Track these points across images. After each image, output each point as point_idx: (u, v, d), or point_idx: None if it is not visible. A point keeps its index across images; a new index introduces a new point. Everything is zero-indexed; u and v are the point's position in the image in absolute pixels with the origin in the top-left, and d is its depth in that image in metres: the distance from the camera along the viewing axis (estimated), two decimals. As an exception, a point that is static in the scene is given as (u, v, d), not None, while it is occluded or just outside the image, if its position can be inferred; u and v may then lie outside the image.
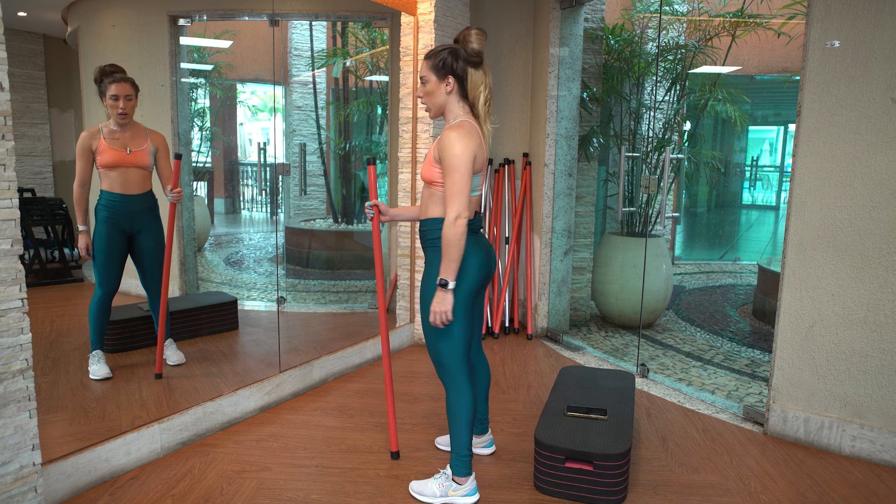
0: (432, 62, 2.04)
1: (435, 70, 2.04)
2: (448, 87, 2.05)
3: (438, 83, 2.05)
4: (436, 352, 2.13)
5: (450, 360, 2.11)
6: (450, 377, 2.13)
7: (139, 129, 2.92)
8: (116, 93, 2.78)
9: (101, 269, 2.90)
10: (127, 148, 2.85)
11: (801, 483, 2.39)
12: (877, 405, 2.54)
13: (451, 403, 2.14)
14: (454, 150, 1.94)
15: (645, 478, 2.39)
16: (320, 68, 6.08)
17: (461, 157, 1.94)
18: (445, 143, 1.96)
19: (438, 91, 2.06)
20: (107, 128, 2.84)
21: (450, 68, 2.03)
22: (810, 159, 2.60)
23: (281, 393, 3.03)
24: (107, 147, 2.81)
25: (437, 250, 2.07)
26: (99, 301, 2.92)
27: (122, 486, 2.26)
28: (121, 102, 2.79)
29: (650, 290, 4.27)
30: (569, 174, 4.22)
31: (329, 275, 5.63)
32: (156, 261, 3.03)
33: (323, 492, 2.26)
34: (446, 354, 2.10)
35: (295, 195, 6.00)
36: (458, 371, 2.11)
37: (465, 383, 2.12)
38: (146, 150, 2.91)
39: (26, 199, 3.19)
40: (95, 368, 2.89)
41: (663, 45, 4.65)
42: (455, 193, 1.94)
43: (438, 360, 2.13)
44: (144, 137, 2.92)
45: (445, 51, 2.04)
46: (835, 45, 2.49)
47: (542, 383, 3.37)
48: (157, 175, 3.03)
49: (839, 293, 2.58)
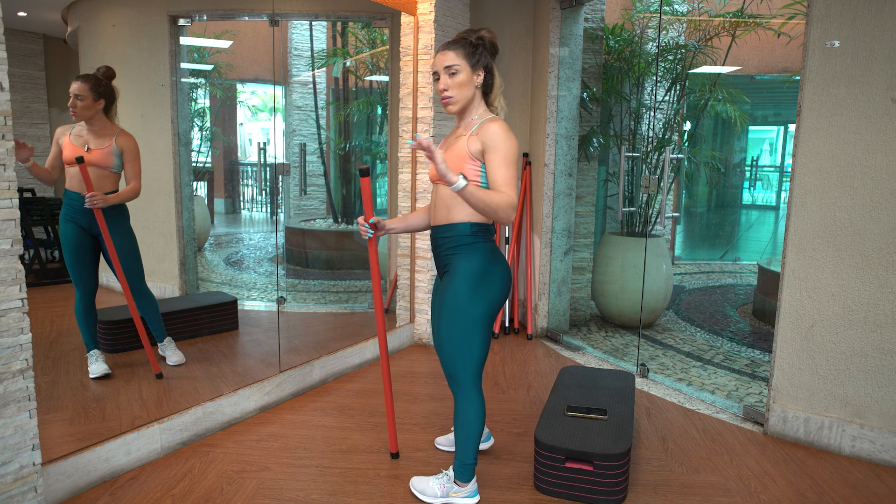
0: (466, 50, 1.90)
1: (469, 59, 1.90)
2: (479, 80, 1.94)
3: (471, 74, 1.92)
4: (450, 365, 2.03)
5: (464, 374, 2.03)
6: (460, 389, 2.05)
7: (108, 130, 2.88)
8: (70, 91, 2.81)
9: (72, 269, 2.90)
10: (86, 146, 2.84)
11: (801, 483, 2.39)
12: (877, 405, 2.54)
13: (460, 415, 2.07)
14: (509, 141, 1.84)
15: (645, 478, 2.39)
16: (320, 68, 6.08)
17: (515, 147, 1.86)
18: (494, 134, 1.84)
19: (470, 83, 1.92)
20: (80, 125, 2.85)
21: (485, 60, 1.93)
22: (810, 159, 2.60)
23: (281, 393, 3.03)
24: (68, 143, 2.82)
25: (465, 257, 1.96)
26: (80, 301, 2.91)
27: (122, 486, 2.26)
28: (70, 100, 2.81)
29: (650, 290, 4.27)
30: (569, 174, 4.22)
31: (329, 275, 5.63)
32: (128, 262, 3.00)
33: (323, 492, 2.25)
34: (461, 368, 2.02)
35: (295, 195, 6.00)
36: (472, 386, 2.04)
37: (476, 398, 2.05)
38: (107, 151, 2.87)
39: (26, 199, 3.19)
40: (94, 368, 2.89)
41: (663, 45, 4.65)
42: (511, 184, 1.82)
43: (451, 372, 2.04)
44: (110, 138, 2.88)
45: (475, 38, 1.92)
46: (835, 45, 2.49)
47: (542, 383, 3.37)
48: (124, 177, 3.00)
49: (839, 293, 2.58)
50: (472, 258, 1.97)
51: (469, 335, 1.99)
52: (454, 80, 1.92)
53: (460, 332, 1.99)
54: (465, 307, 1.97)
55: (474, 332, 1.99)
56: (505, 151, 1.84)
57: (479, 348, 2.01)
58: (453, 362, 2.03)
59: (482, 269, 1.97)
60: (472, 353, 2.01)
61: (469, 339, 1.99)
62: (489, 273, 1.98)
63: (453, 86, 1.92)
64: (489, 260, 1.99)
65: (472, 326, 1.98)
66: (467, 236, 1.97)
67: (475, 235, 1.97)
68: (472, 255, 1.97)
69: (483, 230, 1.99)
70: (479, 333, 1.99)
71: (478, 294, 1.97)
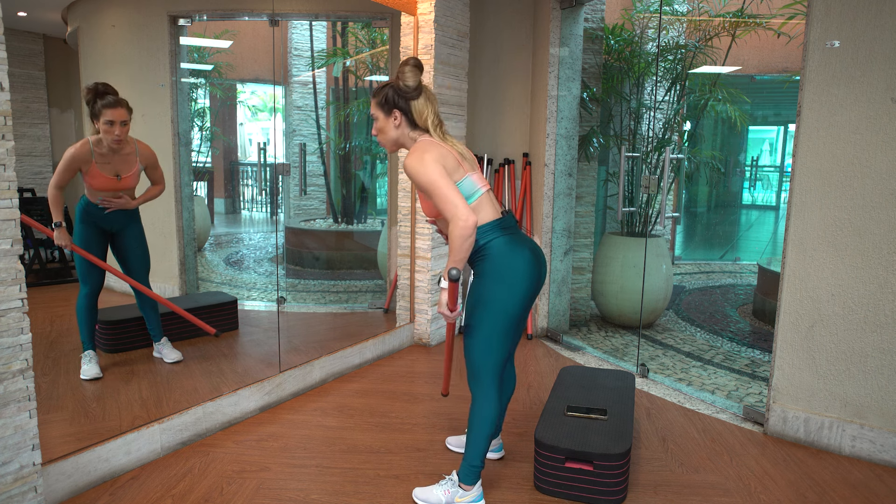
0: (377, 100, 2.09)
1: (381, 107, 2.08)
2: (396, 121, 2.08)
3: (387, 119, 2.09)
4: (472, 361, 2.09)
5: (484, 370, 2.08)
6: (479, 385, 2.10)
7: (129, 148, 2.85)
8: (112, 118, 2.69)
9: (82, 267, 2.89)
10: (118, 175, 2.82)
11: (801, 483, 2.39)
12: (877, 405, 2.54)
13: (475, 412, 2.11)
14: (418, 169, 1.93)
15: (645, 478, 2.39)
16: (320, 68, 6.08)
17: (427, 168, 1.92)
18: (409, 171, 1.96)
19: (388, 126, 2.09)
20: (98, 149, 2.75)
21: (392, 104, 2.07)
22: (810, 159, 2.60)
23: (281, 393, 3.03)
24: (98, 173, 2.77)
25: (482, 258, 2.04)
26: (84, 299, 2.91)
27: (122, 486, 2.26)
28: (116, 129, 2.71)
29: (650, 290, 4.27)
30: (569, 174, 4.22)
31: (329, 275, 5.63)
32: (137, 259, 3.03)
33: (323, 492, 2.26)
34: (482, 366, 2.07)
35: (295, 195, 6.01)
36: (490, 382, 2.09)
37: (493, 395, 2.09)
38: (135, 173, 2.89)
39: (26, 199, 3.19)
40: (86, 368, 2.89)
41: (663, 45, 4.65)
42: (445, 202, 1.89)
43: (473, 368, 2.10)
44: (134, 160, 2.87)
45: (386, 87, 2.08)
46: (835, 45, 2.49)
47: (542, 383, 3.37)
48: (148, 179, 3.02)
49: (839, 293, 2.58)
50: (487, 257, 2.03)
51: (492, 332, 2.04)
52: (376, 126, 2.13)
53: (483, 329, 2.05)
54: (488, 304, 2.03)
55: (496, 329, 2.03)
56: (420, 180, 1.93)
57: (500, 345, 2.06)
58: (476, 358, 2.08)
59: (500, 264, 2.02)
60: (493, 350, 2.06)
61: (491, 337, 2.04)
62: (508, 266, 2.01)
63: (377, 131, 2.14)
64: (505, 253, 2.02)
65: (495, 323, 2.03)
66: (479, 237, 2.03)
67: (484, 236, 2.02)
68: (487, 254, 2.03)
69: (490, 228, 2.02)
70: (501, 331, 2.04)
71: (499, 290, 2.01)
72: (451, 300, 1.97)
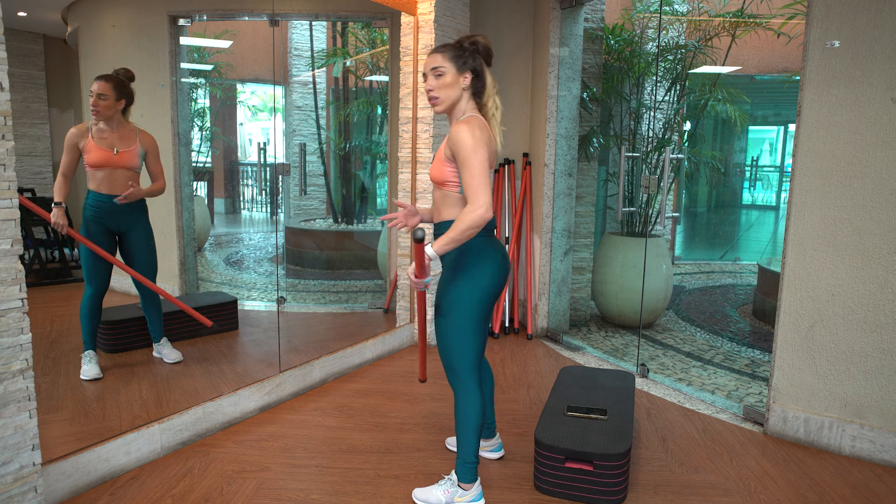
0: (453, 53, 1.98)
1: (455, 61, 1.98)
2: (465, 82, 2.00)
3: (457, 76, 1.99)
4: (448, 356, 2.09)
5: (461, 365, 2.07)
6: (459, 381, 2.10)
7: (128, 130, 2.90)
8: (92, 89, 2.79)
9: (88, 267, 2.90)
10: (114, 148, 2.84)
11: (801, 483, 2.39)
12: (877, 405, 2.54)
13: (459, 409, 2.11)
14: (468, 142, 1.88)
15: (645, 478, 2.39)
16: (320, 68, 6.08)
17: (476, 146, 1.88)
18: (457, 136, 1.90)
19: (456, 84, 1.99)
20: (96, 126, 2.83)
21: (471, 62, 1.99)
22: (810, 159, 2.60)
23: (281, 393, 3.03)
24: (94, 146, 2.81)
25: (456, 251, 2.01)
26: (89, 300, 2.91)
27: (122, 486, 2.26)
28: (92, 99, 2.80)
29: (650, 290, 4.27)
30: (569, 174, 4.22)
31: (329, 275, 5.63)
32: (145, 260, 3.04)
33: (323, 492, 2.26)
34: (459, 359, 2.07)
35: (295, 195, 6.01)
36: (469, 376, 2.09)
37: (474, 389, 2.09)
38: (133, 152, 2.90)
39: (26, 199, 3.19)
40: (86, 369, 2.89)
41: (663, 45, 4.65)
42: (477, 184, 1.87)
43: (450, 364, 2.10)
44: (133, 139, 2.91)
45: (468, 42, 1.99)
46: (835, 45, 2.49)
47: (542, 383, 3.37)
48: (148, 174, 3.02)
49: (839, 293, 2.58)
50: (462, 252, 2.03)
51: (464, 325, 2.04)
52: (439, 82, 1.99)
53: (455, 322, 2.05)
54: (458, 298, 2.03)
55: (468, 322, 2.04)
56: (465, 152, 1.89)
57: (474, 338, 2.06)
58: (451, 353, 2.08)
59: (473, 262, 2.03)
60: (468, 344, 2.06)
61: (464, 330, 2.04)
62: (480, 265, 2.03)
63: (438, 87, 2.00)
64: (480, 252, 2.03)
65: (467, 316, 2.03)
66: None
67: None
68: (468, 248, 2.02)
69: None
70: (473, 324, 2.05)
71: (469, 285, 2.02)
72: (418, 265, 1.90)
